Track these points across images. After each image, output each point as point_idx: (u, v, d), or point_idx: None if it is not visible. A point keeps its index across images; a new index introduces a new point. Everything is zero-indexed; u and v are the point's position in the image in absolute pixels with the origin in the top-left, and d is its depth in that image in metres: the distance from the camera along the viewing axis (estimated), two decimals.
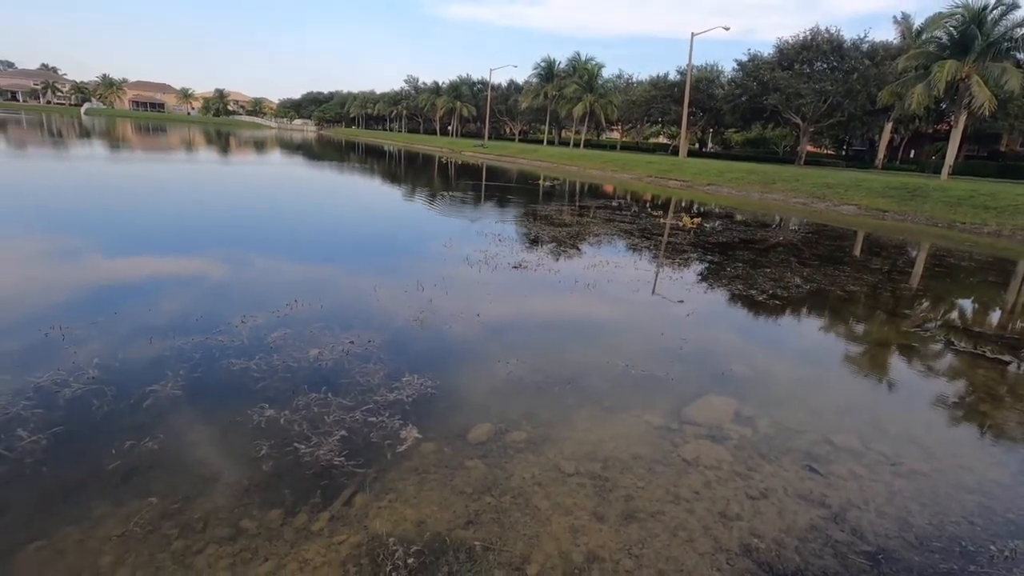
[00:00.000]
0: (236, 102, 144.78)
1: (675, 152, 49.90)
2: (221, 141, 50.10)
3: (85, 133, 44.28)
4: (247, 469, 3.21)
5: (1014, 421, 4.63)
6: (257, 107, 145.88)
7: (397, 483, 3.17)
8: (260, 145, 48.72)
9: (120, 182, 17.26)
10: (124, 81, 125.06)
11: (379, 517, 2.88)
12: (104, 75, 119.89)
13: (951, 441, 4.27)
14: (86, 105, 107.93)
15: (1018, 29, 26.91)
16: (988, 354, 6.13)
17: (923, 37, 33.92)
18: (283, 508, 2.91)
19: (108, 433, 3.45)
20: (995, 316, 8.51)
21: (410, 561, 2.60)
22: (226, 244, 9.23)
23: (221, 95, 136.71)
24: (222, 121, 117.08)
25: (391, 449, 3.48)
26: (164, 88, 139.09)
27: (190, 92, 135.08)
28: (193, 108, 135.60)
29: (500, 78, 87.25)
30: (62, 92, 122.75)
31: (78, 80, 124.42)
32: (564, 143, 66.93)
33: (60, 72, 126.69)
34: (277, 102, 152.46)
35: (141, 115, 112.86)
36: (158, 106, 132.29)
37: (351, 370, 4.52)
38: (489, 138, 70.74)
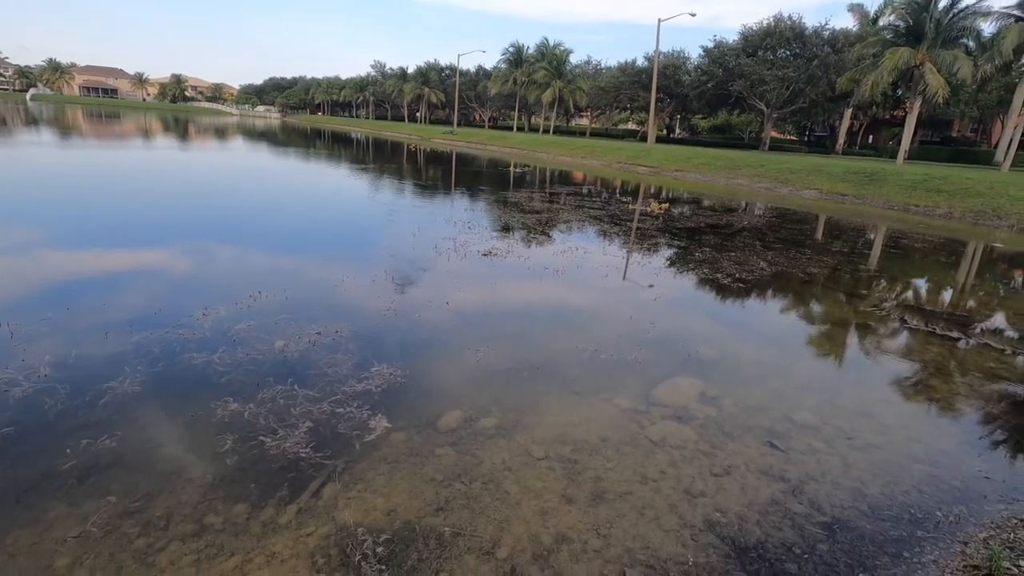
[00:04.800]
0: (195, 88, 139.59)
1: (644, 138, 50.30)
2: (179, 128, 48.27)
3: (32, 120, 42.07)
4: (211, 464, 3.14)
5: (961, 394, 4.86)
6: (217, 93, 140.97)
7: (366, 473, 3.15)
8: (221, 132, 47.14)
9: (72, 171, 16.49)
10: (73, 65, 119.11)
11: (348, 508, 2.87)
12: (51, 59, 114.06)
13: (903, 414, 4.47)
14: (32, 91, 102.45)
15: (968, 17, 27.87)
16: (938, 331, 6.41)
17: (878, 24, 34.89)
18: (249, 502, 2.87)
19: (62, 432, 3.33)
20: (946, 295, 8.90)
21: (379, 550, 2.60)
22: (186, 235, 8.94)
23: (178, 81, 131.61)
24: (180, 108, 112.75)
25: (360, 439, 3.46)
26: (117, 73, 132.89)
27: (145, 77, 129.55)
28: (149, 94, 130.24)
29: (469, 64, 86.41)
30: (5, 77, 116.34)
31: (22, 64, 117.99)
32: (534, 129, 66.75)
33: (2, 56, 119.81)
34: (238, 88, 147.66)
35: (92, 101, 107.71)
36: (111, 92, 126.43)
37: (318, 361, 4.46)
38: (458, 125, 70.01)
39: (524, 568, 2.58)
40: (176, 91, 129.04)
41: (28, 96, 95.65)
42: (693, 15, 37.57)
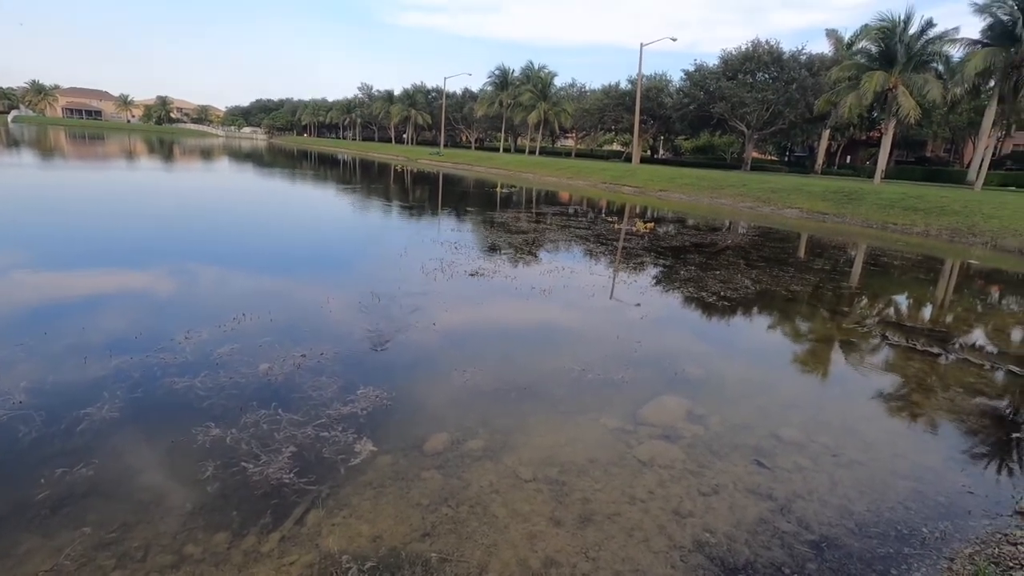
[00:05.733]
0: (180, 110, 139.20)
1: (628, 159, 51.05)
2: (163, 150, 48.03)
3: (13, 142, 41.63)
4: (191, 492, 3.07)
5: (943, 409, 4.93)
6: (203, 115, 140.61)
7: (351, 498, 3.10)
8: (206, 154, 46.98)
9: (52, 192, 16.28)
10: (56, 87, 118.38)
11: (332, 534, 2.81)
12: (34, 81, 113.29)
13: (887, 430, 4.51)
14: (13, 113, 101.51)
15: (936, 42, 28.94)
16: (919, 347, 6.51)
17: (853, 49, 36.07)
18: (230, 531, 2.80)
19: (36, 461, 3.23)
20: (926, 311, 9.06)
21: None
22: (168, 257, 8.84)
23: (164, 102, 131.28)
24: (165, 129, 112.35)
25: (345, 464, 3.40)
26: (101, 95, 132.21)
27: (130, 99, 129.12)
28: (134, 116, 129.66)
29: (455, 86, 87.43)
30: None
31: (4, 86, 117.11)
32: (520, 151, 67.40)
33: None
34: (224, 109, 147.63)
35: (76, 123, 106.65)
36: (95, 114, 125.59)
37: (303, 385, 4.40)
38: (445, 146, 70.53)
39: None
40: (161, 113, 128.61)
41: (9, 118, 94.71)
42: (674, 40, 38.53)
